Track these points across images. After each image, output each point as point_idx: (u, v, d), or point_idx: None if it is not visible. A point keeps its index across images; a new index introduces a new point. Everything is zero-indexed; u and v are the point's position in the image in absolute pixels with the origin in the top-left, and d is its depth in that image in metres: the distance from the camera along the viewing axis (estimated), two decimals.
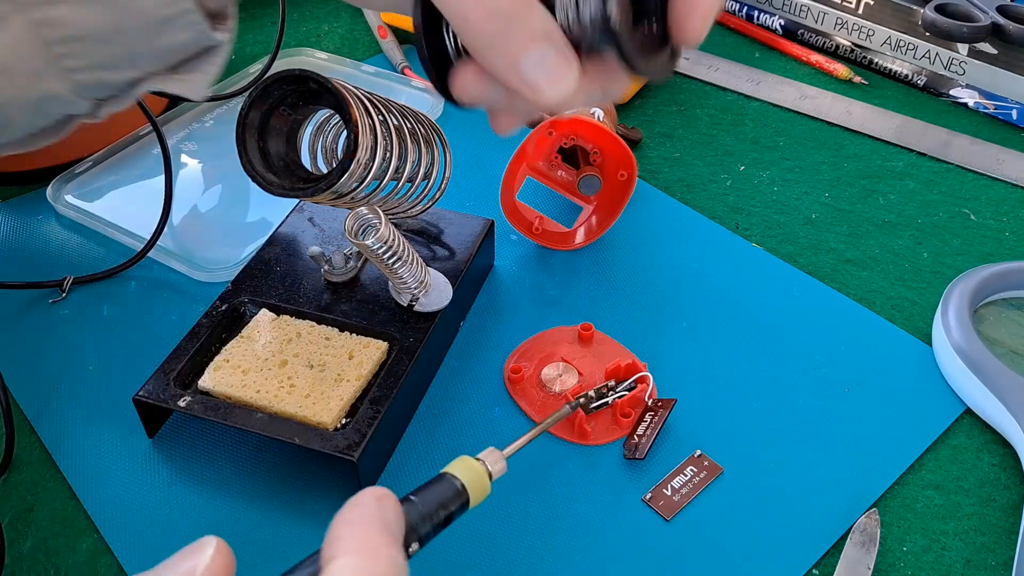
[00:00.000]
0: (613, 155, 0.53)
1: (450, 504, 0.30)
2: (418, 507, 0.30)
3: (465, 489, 0.31)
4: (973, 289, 0.49)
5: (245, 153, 0.42)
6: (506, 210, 0.54)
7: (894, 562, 0.40)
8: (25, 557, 0.41)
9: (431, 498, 0.30)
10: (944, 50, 0.68)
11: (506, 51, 0.35)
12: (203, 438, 0.45)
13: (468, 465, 0.32)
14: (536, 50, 0.35)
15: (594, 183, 0.54)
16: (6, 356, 0.50)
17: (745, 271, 0.55)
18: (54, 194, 0.59)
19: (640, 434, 0.44)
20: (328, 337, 0.46)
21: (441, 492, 0.30)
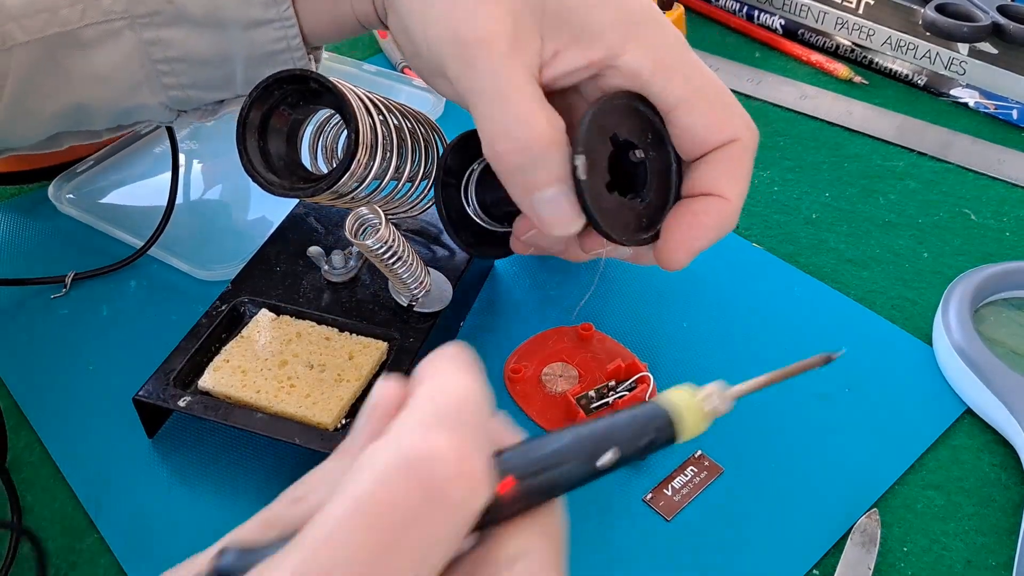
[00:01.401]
0: None
1: (656, 431, 0.27)
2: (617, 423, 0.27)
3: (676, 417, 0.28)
4: (974, 289, 0.49)
5: (246, 153, 0.42)
6: None
7: (894, 562, 0.40)
8: (25, 557, 0.41)
9: (637, 416, 0.27)
10: (944, 50, 0.68)
11: (524, 185, 0.38)
12: (203, 438, 0.45)
13: (686, 394, 0.28)
14: (550, 190, 0.37)
15: None
16: (6, 356, 0.50)
17: (745, 271, 0.55)
18: (56, 192, 0.59)
19: None
20: (328, 337, 0.46)
21: (646, 415, 0.27)
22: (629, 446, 0.27)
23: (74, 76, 0.45)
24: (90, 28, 0.44)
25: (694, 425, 0.28)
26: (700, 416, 0.28)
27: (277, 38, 0.45)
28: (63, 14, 0.44)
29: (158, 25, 0.44)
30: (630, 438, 0.27)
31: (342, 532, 0.22)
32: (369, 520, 0.21)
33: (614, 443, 0.26)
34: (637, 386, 0.46)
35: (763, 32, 0.77)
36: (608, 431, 0.26)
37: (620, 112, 0.38)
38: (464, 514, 0.22)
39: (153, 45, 0.45)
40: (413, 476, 0.22)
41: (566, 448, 0.26)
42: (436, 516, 0.22)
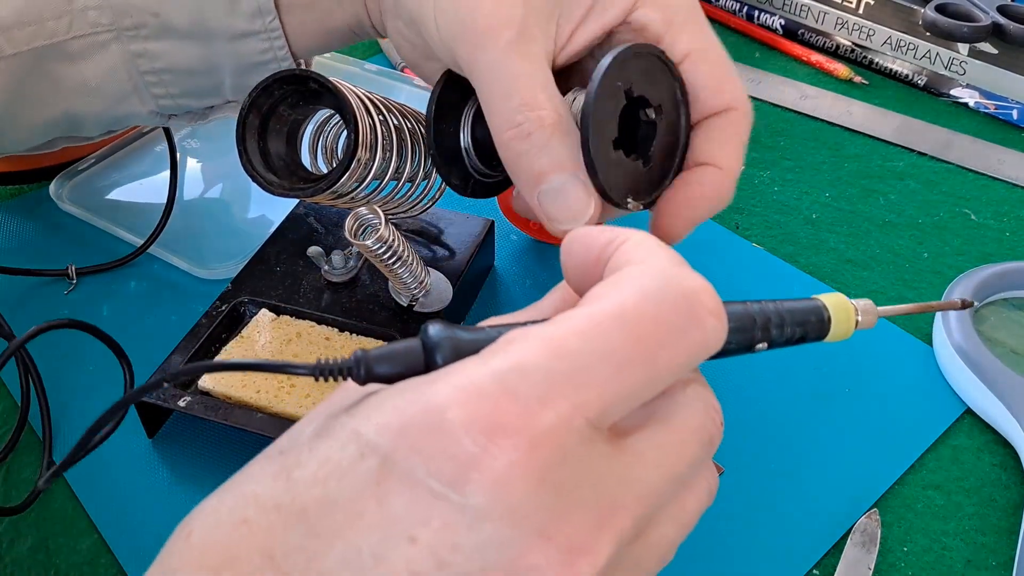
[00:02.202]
0: None
1: (809, 326, 0.30)
2: (778, 308, 0.29)
3: (829, 317, 0.30)
4: (974, 289, 0.49)
5: (245, 153, 0.42)
6: (503, 207, 0.54)
7: (895, 562, 0.40)
8: (25, 557, 0.41)
9: (791, 306, 0.29)
10: (945, 50, 0.68)
11: (528, 175, 0.36)
12: (203, 438, 0.45)
13: (840, 301, 0.31)
14: (556, 179, 0.36)
15: None
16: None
17: (745, 271, 0.55)
18: (57, 191, 0.59)
19: None
20: (328, 337, 0.46)
21: (804, 307, 0.30)
22: (783, 335, 0.29)
23: (62, 87, 0.46)
24: (77, 40, 0.44)
25: (843, 331, 0.30)
26: (851, 324, 0.30)
27: (263, 49, 0.45)
28: (50, 26, 0.44)
29: (144, 38, 0.45)
30: (787, 327, 0.29)
31: (602, 329, 0.23)
32: (633, 326, 0.23)
33: (774, 327, 0.29)
34: None
35: (763, 32, 0.77)
36: (771, 317, 0.29)
37: (640, 66, 0.36)
38: (710, 349, 0.25)
39: (140, 57, 0.45)
40: (682, 300, 0.24)
41: (734, 324, 0.28)
42: (690, 342, 0.24)
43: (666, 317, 0.24)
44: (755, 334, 0.29)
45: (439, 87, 0.40)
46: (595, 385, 0.22)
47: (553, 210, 0.36)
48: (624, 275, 0.25)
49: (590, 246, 0.27)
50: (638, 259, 0.26)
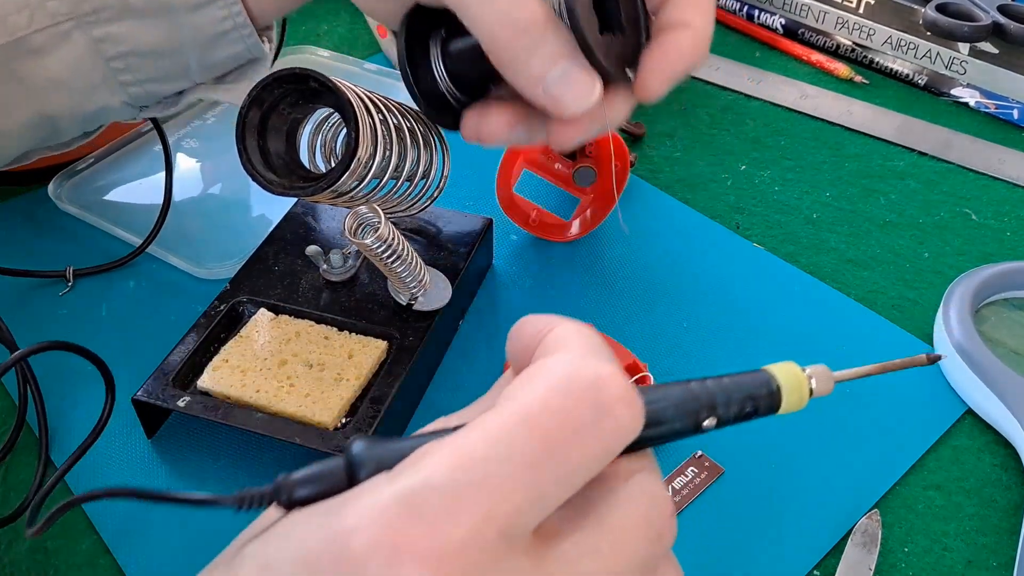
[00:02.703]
0: (607, 147, 0.53)
1: (759, 400, 0.29)
2: (723, 384, 0.28)
3: (779, 390, 0.29)
4: (974, 289, 0.49)
5: (245, 152, 0.42)
6: (502, 202, 0.54)
7: (895, 563, 0.40)
8: (24, 558, 0.41)
9: (739, 381, 0.28)
10: (945, 49, 0.68)
11: (531, 68, 0.37)
12: (202, 438, 0.45)
13: (791, 370, 0.30)
14: (560, 66, 0.37)
15: (589, 174, 0.54)
16: (5, 356, 0.50)
17: (746, 271, 0.55)
18: (55, 191, 0.59)
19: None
20: (327, 336, 0.46)
21: (752, 381, 0.29)
22: (732, 412, 0.28)
23: (31, 85, 0.45)
24: (39, 34, 0.44)
25: (796, 401, 0.29)
26: (804, 393, 0.30)
27: (222, 17, 0.45)
28: (11, 21, 0.43)
29: (105, 21, 0.44)
30: (735, 404, 0.28)
31: (511, 430, 0.22)
32: (537, 425, 0.22)
33: (720, 406, 0.28)
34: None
35: (763, 32, 0.77)
36: (714, 394, 0.28)
37: None
38: (622, 438, 0.24)
39: (103, 42, 0.45)
40: (587, 391, 0.23)
41: (675, 406, 0.27)
42: (600, 434, 0.23)
43: (572, 412, 0.23)
44: (700, 414, 0.27)
45: (403, 34, 0.41)
46: (503, 493, 0.21)
47: (563, 95, 0.37)
48: (534, 370, 0.24)
49: (524, 334, 0.27)
50: (553, 350, 0.25)
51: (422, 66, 0.42)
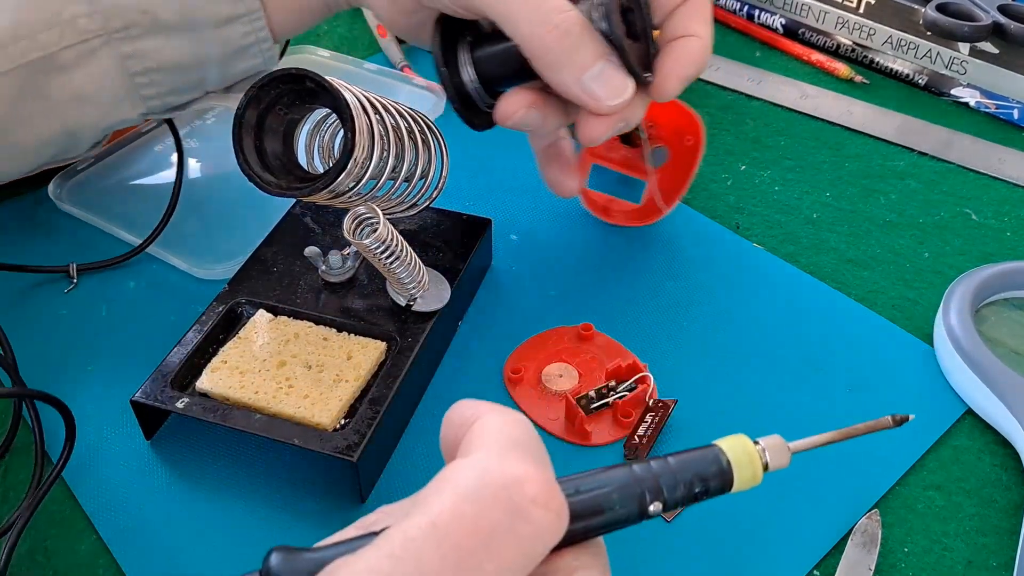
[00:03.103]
0: (673, 123, 0.55)
1: (709, 479, 0.27)
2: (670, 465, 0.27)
3: (730, 468, 0.27)
4: (974, 289, 0.49)
5: (242, 152, 0.42)
6: (588, 204, 0.56)
7: (895, 563, 0.40)
8: (24, 558, 0.41)
9: (686, 460, 0.27)
10: (945, 49, 0.68)
11: (572, 67, 0.42)
12: (201, 439, 0.45)
13: (742, 444, 0.28)
14: (597, 66, 0.42)
15: (663, 154, 0.56)
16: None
17: (745, 271, 0.54)
18: (56, 191, 0.59)
19: (641, 435, 0.44)
20: (326, 337, 0.46)
21: (701, 460, 0.27)
22: (679, 494, 0.26)
23: (57, 101, 0.46)
24: (68, 50, 0.45)
25: (750, 479, 0.27)
26: (758, 470, 0.28)
27: (246, 32, 0.47)
28: (41, 39, 0.44)
29: (134, 38, 0.45)
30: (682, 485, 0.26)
31: (418, 544, 0.21)
32: (446, 536, 0.21)
33: (665, 490, 0.26)
34: (637, 386, 0.46)
35: (763, 31, 0.77)
36: (661, 476, 0.26)
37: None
38: (543, 541, 0.22)
39: (130, 59, 0.46)
40: (499, 496, 0.22)
41: (616, 492, 0.25)
42: (516, 540, 0.22)
43: (484, 519, 0.22)
44: (644, 498, 0.26)
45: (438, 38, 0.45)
46: None
47: (600, 91, 0.42)
48: (447, 473, 0.23)
49: (452, 424, 0.26)
50: (471, 447, 0.24)
51: (452, 69, 0.46)
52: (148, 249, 0.55)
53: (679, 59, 0.44)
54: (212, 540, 0.41)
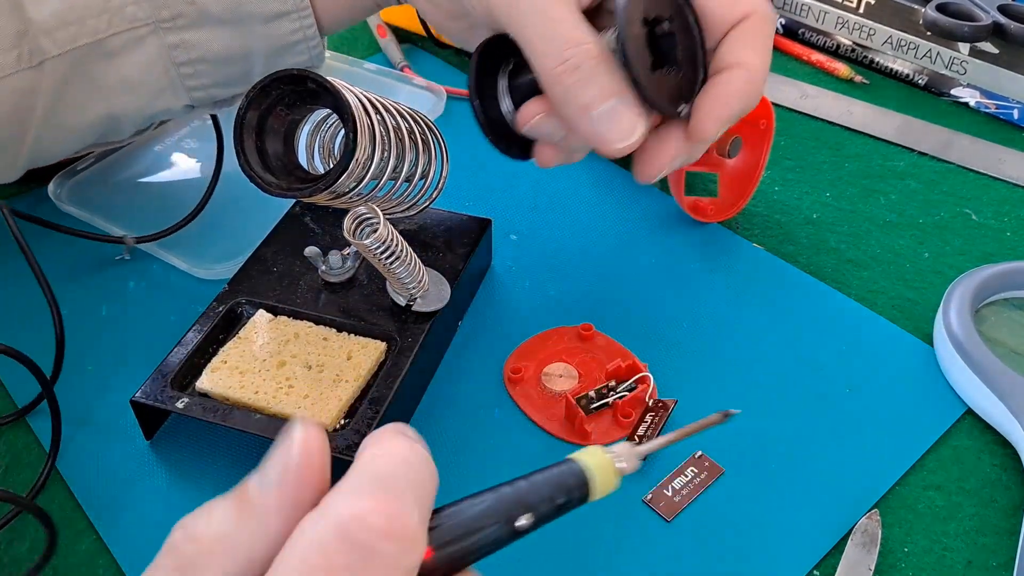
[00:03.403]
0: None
1: (570, 490, 0.29)
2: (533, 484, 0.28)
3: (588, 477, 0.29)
4: (974, 289, 0.49)
5: (243, 153, 0.42)
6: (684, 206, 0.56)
7: (895, 563, 0.40)
8: (24, 558, 0.41)
9: (548, 476, 0.29)
10: (945, 49, 0.68)
11: (578, 104, 0.39)
12: (201, 439, 0.45)
13: (597, 455, 0.30)
14: (606, 105, 0.39)
15: (738, 143, 0.56)
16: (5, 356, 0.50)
17: (745, 271, 0.54)
18: (56, 191, 0.59)
19: (641, 435, 0.44)
20: (326, 338, 0.46)
21: (560, 475, 0.29)
22: (544, 508, 0.28)
23: (102, 86, 0.46)
24: (116, 37, 0.45)
25: (606, 484, 0.29)
26: (612, 475, 0.29)
27: (294, 29, 0.47)
28: (91, 24, 0.45)
29: (181, 28, 0.46)
30: (546, 499, 0.28)
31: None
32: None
33: (530, 506, 0.27)
34: (637, 386, 0.46)
35: None
36: (524, 494, 0.28)
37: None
38: (400, 569, 0.23)
39: (176, 48, 0.46)
40: (346, 536, 0.22)
41: (483, 515, 0.27)
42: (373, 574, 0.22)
43: (334, 562, 0.22)
44: (512, 514, 0.27)
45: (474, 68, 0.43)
46: None
47: (607, 131, 0.39)
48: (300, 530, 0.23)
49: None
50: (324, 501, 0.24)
51: (489, 97, 0.44)
52: (148, 249, 0.55)
53: (719, 96, 0.40)
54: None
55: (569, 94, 0.39)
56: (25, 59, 0.45)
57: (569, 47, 0.39)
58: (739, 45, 0.41)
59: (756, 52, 0.41)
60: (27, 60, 0.45)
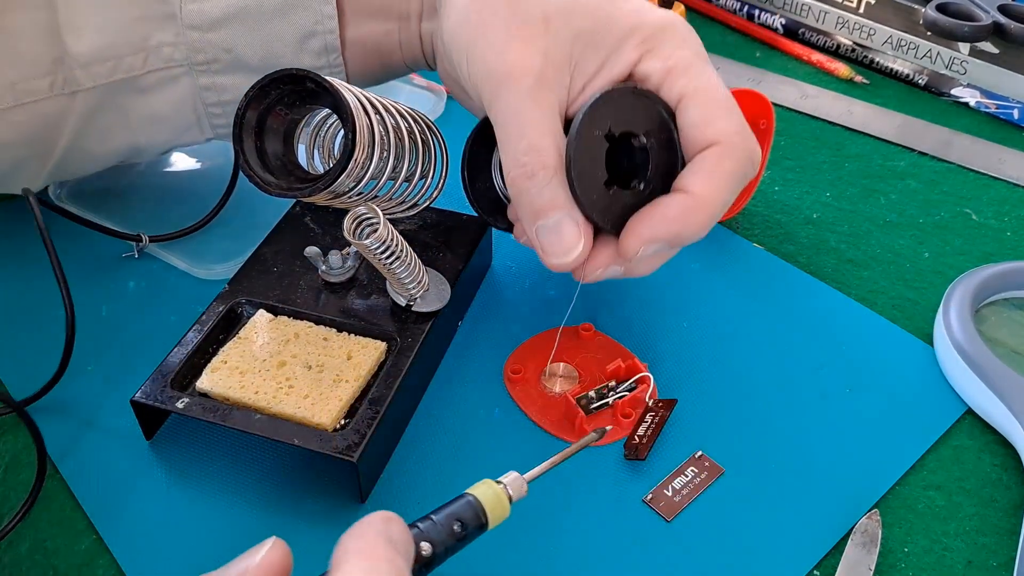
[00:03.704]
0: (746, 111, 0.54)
1: (467, 522, 0.33)
2: (435, 523, 0.33)
3: (483, 509, 0.33)
4: (974, 289, 0.49)
5: (242, 153, 0.42)
6: None
7: (895, 563, 0.40)
8: (24, 558, 0.41)
9: (449, 514, 0.33)
10: (945, 49, 0.68)
11: (527, 211, 0.40)
12: (201, 439, 0.45)
13: (488, 487, 0.34)
14: (552, 217, 0.39)
15: None
16: (5, 356, 0.50)
17: (745, 271, 0.54)
18: (56, 191, 0.59)
19: (641, 435, 0.44)
20: (326, 338, 0.46)
21: (459, 510, 0.33)
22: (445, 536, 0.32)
23: (131, 119, 0.48)
24: (151, 75, 0.47)
25: (500, 512, 0.34)
26: (505, 503, 0.34)
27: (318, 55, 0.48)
28: (127, 61, 0.46)
29: (215, 72, 0.47)
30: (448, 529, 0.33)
31: None
32: None
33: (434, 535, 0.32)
34: (637, 386, 0.46)
35: (764, 31, 0.77)
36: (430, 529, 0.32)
37: (621, 104, 0.40)
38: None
39: (208, 90, 0.48)
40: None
41: None
42: None
43: None
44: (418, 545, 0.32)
45: (468, 144, 0.46)
46: None
47: (547, 244, 0.40)
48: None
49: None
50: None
51: (482, 169, 0.47)
52: (148, 250, 0.55)
53: (650, 217, 0.39)
54: (212, 540, 0.41)
55: (521, 198, 0.40)
56: (58, 87, 0.46)
57: (528, 152, 0.39)
58: (692, 171, 0.40)
59: (707, 182, 0.39)
60: (60, 88, 0.46)
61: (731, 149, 0.39)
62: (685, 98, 0.40)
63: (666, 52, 0.41)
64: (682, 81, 0.40)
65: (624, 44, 0.41)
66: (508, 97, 0.39)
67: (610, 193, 0.40)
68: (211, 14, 0.46)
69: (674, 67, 0.40)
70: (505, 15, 0.40)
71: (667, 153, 0.40)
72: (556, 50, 0.40)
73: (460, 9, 0.42)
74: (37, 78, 0.45)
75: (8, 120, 0.46)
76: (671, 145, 0.41)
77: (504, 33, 0.40)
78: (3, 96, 0.46)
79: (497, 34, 0.40)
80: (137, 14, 0.46)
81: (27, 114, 0.46)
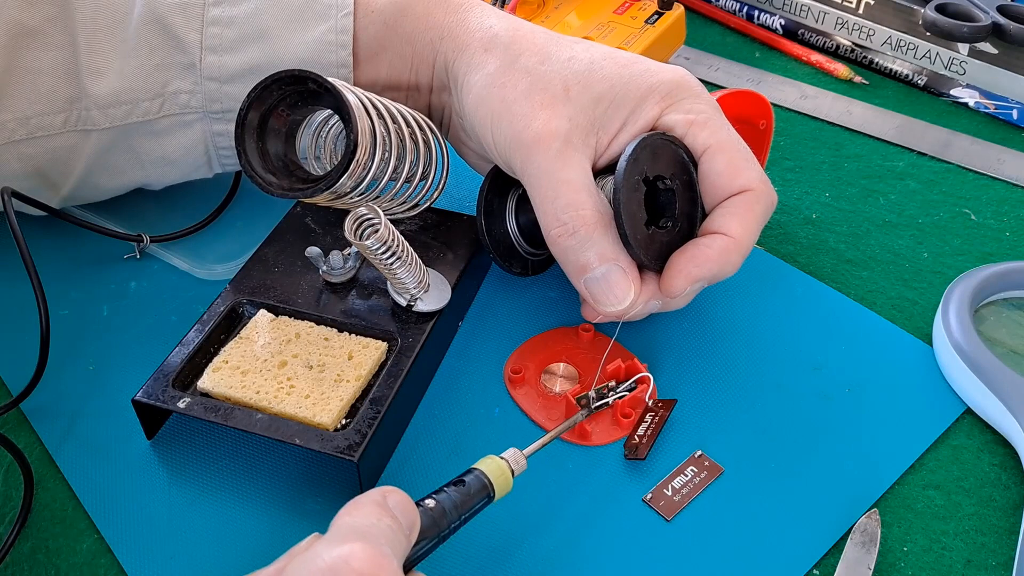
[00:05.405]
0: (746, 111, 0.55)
1: (476, 495, 0.36)
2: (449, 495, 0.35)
3: (490, 482, 0.36)
4: (974, 289, 0.49)
5: (244, 153, 0.42)
6: None
7: (895, 562, 0.40)
8: (25, 558, 0.41)
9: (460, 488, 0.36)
10: (944, 50, 0.68)
11: (574, 267, 0.43)
12: (202, 439, 0.45)
13: (492, 460, 0.37)
14: (600, 269, 0.42)
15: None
16: (6, 356, 0.50)
17: (745, 271, 0.54)
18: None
19: (640, 434, 0.44)
20: (327, 338, 0.46)
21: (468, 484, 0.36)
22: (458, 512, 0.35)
23: (143, 159, 0.49)
24: (165, 119, 0.48)
25: (505, 484, 0.37)
26: (507, 475, 0.37)
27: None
28: (144, 106, 0.47)
29: (229, 120, 0.48)
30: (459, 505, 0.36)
31: None
32: None
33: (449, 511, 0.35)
34: (637, 386, 0.46)
35: (763, 32, 0.77)
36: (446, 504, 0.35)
37: (649, 151, 0.43)
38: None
39: (219, 136, 0.49)
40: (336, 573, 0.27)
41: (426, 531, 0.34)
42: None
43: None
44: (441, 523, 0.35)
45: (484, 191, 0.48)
46: None
47: (600, 295, 0.43)
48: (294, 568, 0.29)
49: None
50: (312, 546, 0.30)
51: (497, 217, 0.49)
52: (149, 250, 0.55)
53: (694, 257, 0.43)
54: (213, 540, 0.41)
55: (566, 255, 0.42)
56: (72, 124, 0.47)
57: (567, 211, 0.41)
58: (728, 213, 0.43)
59: (742, 225, 0.43)
60: (73, 125, 0.47)
61: (760, 195, 0.44)
62: (711, 149, 0.44)
63: (686, 106, 0.45)
64: (705, 133, 0.44)
65: (645, 102, 0.44)
66: (540, 160, 0.42)
67: (649, 233, 0.43)
68: (230, 67, 0.46)
69: (695, 120, 0.44)
70: (526, 88, 0.43)
71: (689, 193, 0.45)
72: (580, 115, 0.43)
73: (481, 85, 0.44)
74: (51, 114, 0.47)
75: (19, 152, 0.47)
76: (691, 186, 0.45)
77: (528, 105, 0.43)
78: (16, 129, 0.47)
79: (521, 106, 0.43)
80: (157, 62, 0.46)
81: (38, 147, 0.48)
